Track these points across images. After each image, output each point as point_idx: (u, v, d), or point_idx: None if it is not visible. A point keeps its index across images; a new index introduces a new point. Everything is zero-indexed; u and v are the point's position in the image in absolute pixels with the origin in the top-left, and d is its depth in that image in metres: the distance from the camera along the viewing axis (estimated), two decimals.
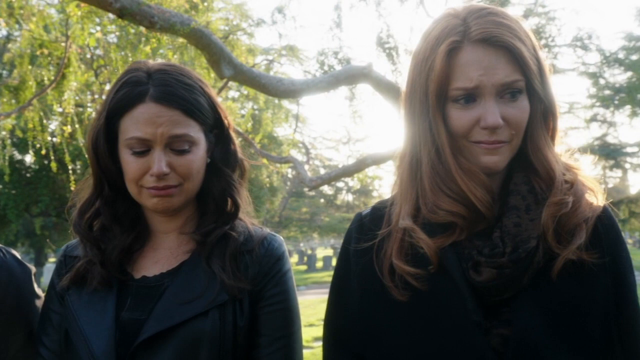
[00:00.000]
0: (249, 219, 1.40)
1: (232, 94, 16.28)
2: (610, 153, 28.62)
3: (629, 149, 28.44)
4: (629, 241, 46.58)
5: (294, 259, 34.55)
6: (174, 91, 1.23)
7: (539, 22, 14.49)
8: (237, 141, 1.39)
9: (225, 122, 1.36)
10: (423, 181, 1.07)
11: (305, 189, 13.28)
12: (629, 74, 14.09)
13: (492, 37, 1.02)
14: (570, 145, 1.04)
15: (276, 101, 16.62)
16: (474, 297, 1.03)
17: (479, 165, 1.05)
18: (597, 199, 1.10)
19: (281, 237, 1.40)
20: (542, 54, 1.09)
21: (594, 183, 1.12)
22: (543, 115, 1.10)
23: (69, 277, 1.30)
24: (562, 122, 1.14)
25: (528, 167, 1.08)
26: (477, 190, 1.03)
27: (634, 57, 14.59)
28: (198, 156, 1.28)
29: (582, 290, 1.04)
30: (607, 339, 1.04)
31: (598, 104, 26.61)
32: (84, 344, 1.20)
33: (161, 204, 1.26)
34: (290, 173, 26.98)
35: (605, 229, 1.09)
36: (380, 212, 1.18)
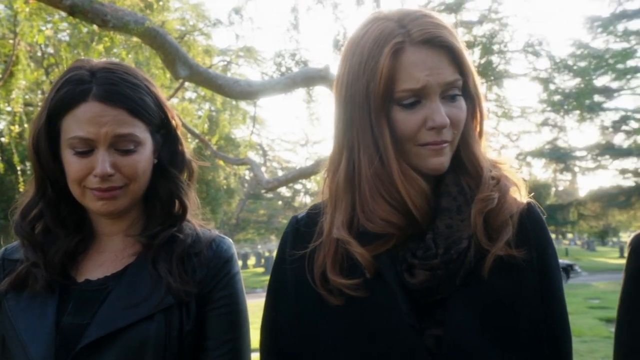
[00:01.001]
0: (198, 221, 1.38)
1: (189, 94, 16.10)
2: (560, 157, 29.44)
3: (578, 153, 29.32)
4: (577, 242, 47.98)
5: (251, 261, 34.33)
6: (119, 90, 1.21)
7: (493, 27, 14.80)
8: (186, 142, 1.36)
9: (173, 122, 1.34)
10: (362, 187, 1.06)
11: (263, 191, 13.21)
12: (578, 80, 14.52)
13: (434, 37, 1.03)
14: (523, 148, 1.05)
15: (234, 102, 16.51)
16: (408, 300, 1.03)
17: (426, 168, 1.05)
18: (520, 194, 1.12)
19: (230, 240, 1.38)
20: (471, 60, 1.11)
21: (518, 178, 1.13)
22: (472, 114, 1.12)
23: (8, 281, 1.26)
24: (489, 123, 1.16)
25: (458, 167, 1.09)
26: (416, 197, 1.04)
27: (582, 64, 15.05)
28: (144, 156, 1.25)
29: (512, 287, 1.05)
30: (536, 335, 1.07)
31: (549, 108, 27.35)
32: (22, 350, 1.16)
33: (105, 206, 1.23)
34: (247, 175, 26.82)
35: (532, 224, 1.10)
36: (314, 218, 1.17)
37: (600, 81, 25.51)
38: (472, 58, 1.06)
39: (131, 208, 1.30)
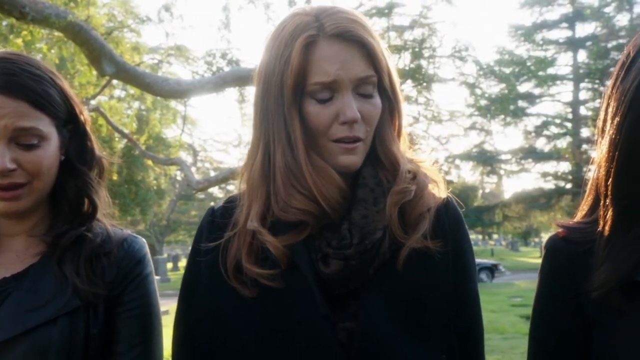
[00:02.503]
0: (109, 221, 1.33)
1: (118, 93, 15.66)
2: (487, 160, 30.43)
3: (503, 156, 30.42)
4: (502, 243, 49.76)
5: (182, 263, 33.71)
6: (19, 81, 1.14)
7: (423, 33, 15.16)
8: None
9: (81, 117, 1.28)
10: (276, 178, 1.06)
11: (193, 192, 13.01)
12: (503, 85, 15.09)
13: (346, 31, 1.03)
14: (452, 151, 1.07)
15: (165, 102, 16.18)
16: (323, 291, 1.03)
17: (337, 165, 1.06)
18: (440, 190, 1.14)
19: (143, 239, 1.34)
20: (389, 55, 1.11)
21: (437, 175, 1.15)
22: (390, 112, 1.12)
23: None
24: (406, 120, 1.17)
25: (375, 161, 1.10)
26: (326, 189, 1.04)
27: (507, 70, 15.62)
28: (49, 152, 1.19)
29: (426, 279, 1.07)
30: (448, 327, 1.09)
31: (476, 113, 28.25)
32: None
33: (7, 207, 1.16)
34: (179, 176, 26.33)
35: (448, 218, 1.12)
36: (230, 210, 1.16)
37: (524, 87, 26.59)
38: (395, 60, 1.06)
39: (36, 207, 1.23)
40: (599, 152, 1.00)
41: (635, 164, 0.91)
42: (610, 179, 0.95)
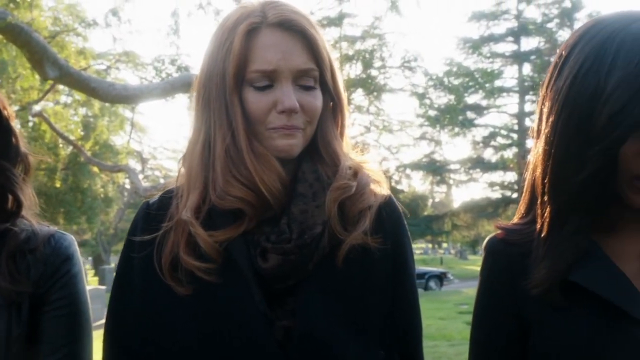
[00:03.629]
0: (36, 219, 1.29)
1: (64, 98, 15.26)
2: (436, 169, 30.90)
3: (452, 166, 30.97)
4: (451, 251, 50.57)
5: None
6: None
7: (374, 43, 15.35)
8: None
9: (5, 112, 1.25)
10: (215, 166, 1.04)
11: (142, 199, 12.75)
12: (452, 96, 15.39)
13: (289, 21, 1.03)
14: (402, 161, 1.07)
15: (113, 108, 15.84)
16: (261, 287, 1.02)
17: (275, 150, 1.05)
18: (382, 189, 1.14)
19: (72, 237, 1.30)
20: (333, 54, 1.12)
21: (380, 175, 1.16)
22: (333, 110, 1.13)
23: None
24: (349, 120, 1.18)
25: (316, 157, 1.10)
26: (267, 176, 1.03)
27: (456, 82, 15.95)
28: None
29: (365, 276, 1.07)
30: (386, 324, 1.09)
31: (426, 123, 28.66)
32: None
33: None
34: (128, 183, 25.79)
35: (388, 216, 1.13)
36: (167, 201, 1.13)
37: (472, 99, 27.19)
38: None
39: None
40: (534, 153, 1.01)
41: (569, 161, 0.93)
42: (547, 177, 0.97)
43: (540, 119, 1.01)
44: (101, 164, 11.64)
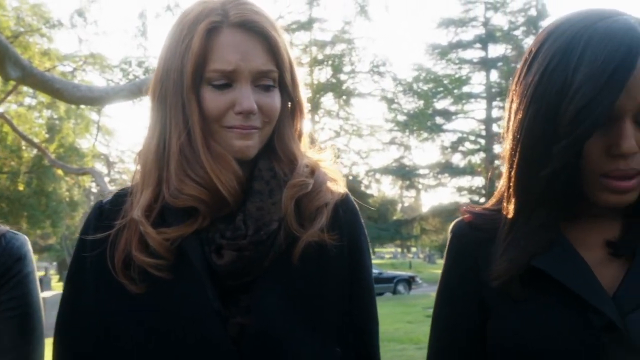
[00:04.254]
0: None
1: (29, 100, 14.97)
2: (405, 174, 31.21)
3: (421, 171, 31.30)
4: (420, 256, 51.04)
5: None
6: None
7: (344, 48, 15.44)
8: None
9: None
10: (170, 164, 1.03)
11: None
12: (421, 102, 15.56)
13: (250, 22, 1.02)
14: (372, 165, 1.06)
15: (79, 111, 15.59)
16: (215, 284, 1.01)
17: (231, 150, 1.04)
18: (339, 187, 1.14)
19: (25, 237, 1.26)
20: (294, 56, 1.11)
21: (337, 173, 1.16)
22: (291, 112, 1.12)
23: None
24: (307, 124, 1.17)
25: (273, 155, 1.10)
26: (223, 175, 1.02)
27: (426, 87, 16.14)
28: None
29: (321, 273, 1.07)
30: (342, 321, 1.09)
31: (396, 128, 28.92)
32: None
33: None
34: (94, 187, 25.38)
35: (345, 213, 1.13)
36: (121, 200, 1.11)
37: (441, 104, 27.55)
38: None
39: None
40: (504, 148, 1.02)
41: (535, 157, 0.93)
42: (513, 172, 0.97)
43: (509, 115, 1.01)
44: (66, 167, 11.42)
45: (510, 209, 0.99)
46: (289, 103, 1.12)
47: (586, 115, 0.86)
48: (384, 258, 45.27)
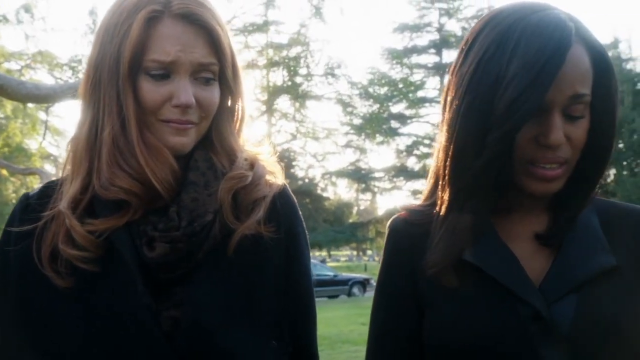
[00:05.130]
0: None
1: None
2: (361, 177, 31.46)
3: (377, 174, 31.62)
4: (375, 258, 51.46)
5: None
6: None
7: (300, 51, 15.46)
8: None
9: None
10: (101, 154, 1.00)
11: None
12: (377, 105, 15.70)
13: (193, 14, 1.00)
14: (328, 168, 1.04)
15: (27, 110, 15.17)
16: (146, 277, 0.99)
17: (166, 145, 1.02)
18: (277, 179, 1.14)
19: None
20: (237, 52, 1.10)
21: (275, 166, 1.15)
22: (231, 107, 1.11)
23: None
24: (250, 124, 1.16)
25: (210, 146, 1.08)
26: (158, 169, 1.00)
27: (382, 91, 16.30)
28: None
29: (257, 265, 1.06)
30: (279, 314, 1.08)
31: (352, 131, 29.15)
32: None
33: None
34: None
35: (282, 206, 1.12)
36: (50, 191, 1.07)
37: (396, 108, 27.89)
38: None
39: None
40: (440, 139, 1.03)
41: (469, 146, 0.94)
42: (448, 161, 0.98)
43: (444, 105, 1.02)
44: (11, 167, 11.07)
45: (444, 199, 1.00)
46: (230, 97, 1.10)
47: (518, 107, 0.88)
48: (339, 261, 45.49)
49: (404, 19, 28.90)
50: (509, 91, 0.89)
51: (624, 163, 23.04)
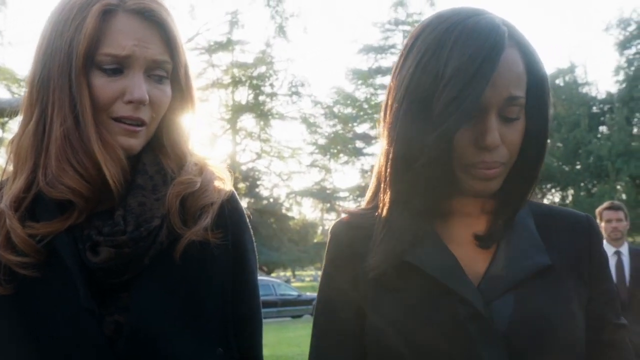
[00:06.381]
0: None
1: None
2: (326, 197, 31.51)
3: (341, 194, 31.72)
4: None
5: None
6: None
7: (265, 70, 15.51)
8: None
9: None
10: (49, 150, 0.98)
11: None
12: (342, 125, 15.81)
13: (149, 10, 1.00)
14: (293, 188, 1.04)
15: None
16: (89, 282, 0.97)
17: (120, 143, 1.01)
18: (225, 185, 1.13)
19: None
20: (187, 49, 1.10)
21: (224, 172, 1.14)
22: (181, 106, 1.10)
23: None
24: (203, 127, 1.16)
25: (158, 149, 1.07)
26: (113, 167, 0.98)
27: (347, 111, 16.44)
28: None
29: (204, 271, 1.05)
30: (224, 320, 1.07)
31: (316, 151, 29.27)
32: None
33: None
34: None
35: (230, 212, 1.12)
36: None
37: (361, 128, 28.15)
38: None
39: None
40: (381, 143, 1.03)
41: (409, 148, 0.95)
42: (389, 164, 0.99)
43: (385, 109, 1.03)
44: None
45: (386, 201, 1.00)
46: (181, 98, 1.09)
47: (455, 108, 0.90)
48: (304, 281, 45.22)
49: (369, 40, 29.30)
50: (446, 93, 0.90)
51: (581, 184, 23.66)
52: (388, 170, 0.99)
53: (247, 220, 1.17)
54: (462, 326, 0.91)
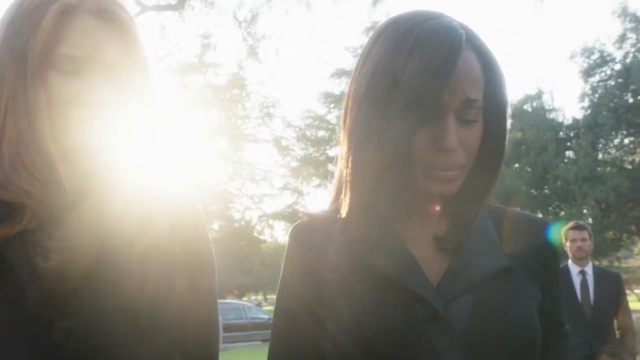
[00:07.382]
0: None
1: None
2: (298, 220, 31.31)
3: None
4: None
5: None
6: None
7: (238, 93, 15.52)
8: None
9: None
10: (2, 151, 0.96)
11: None
12: (314, 148, 15.84)
13: (109, 12, 0.99)
14: (266, 210, 1.02)
15: None
16: (39, 288, 0.94)
17: (75, 145, 0.99)
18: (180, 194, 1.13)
19: None
20: (149, 51, 1.09)
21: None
22: (139, 109, 1.08)
23: None
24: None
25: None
26: (73, 172, 0.98)
27: (320, 134, 16.48)
28: None
29: (160, 278, 1.03)
30: (182, 330, 1.06)
31: (289, 174, 29.25)
32: None
33: None
34: None
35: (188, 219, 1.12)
36: None
37: (334, 151, 28.10)
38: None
39: None
40: (341, 147, 1.03)
41: (369, 150, 0.95)
42: (349, 167, 0.99)
43: (344, 113, 1.03)
44: None
45: (346, 202, 1.00)
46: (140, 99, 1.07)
47: (413, 110, 0.90)
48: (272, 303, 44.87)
49: (341, 64, 29.52)
50: (404, 95, 0.91)
51: (549, 208, 24.03)
52: (348, 173, 1.00)
53: (206, 225, 1.15)
54: (421, 327, 0.92)
